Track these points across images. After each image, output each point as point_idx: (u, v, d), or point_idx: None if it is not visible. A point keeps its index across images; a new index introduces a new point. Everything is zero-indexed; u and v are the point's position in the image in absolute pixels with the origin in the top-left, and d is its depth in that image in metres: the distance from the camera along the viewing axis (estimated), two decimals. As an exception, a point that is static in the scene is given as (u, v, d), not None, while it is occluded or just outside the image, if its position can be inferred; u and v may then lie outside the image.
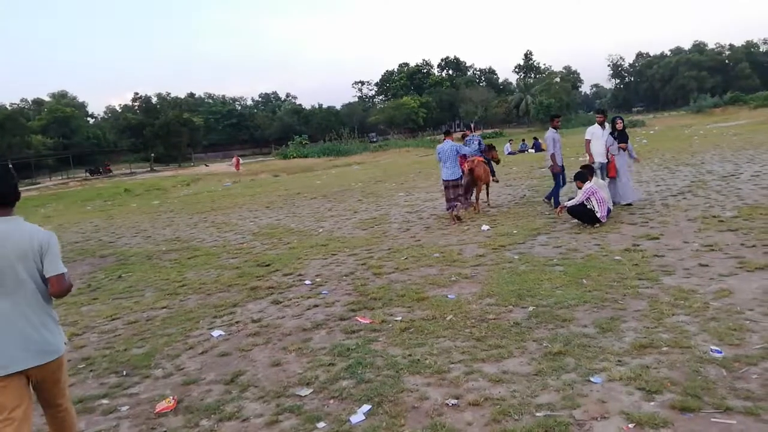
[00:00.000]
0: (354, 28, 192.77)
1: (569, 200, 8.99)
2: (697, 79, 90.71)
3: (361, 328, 5.11)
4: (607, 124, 10.24)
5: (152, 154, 58.68)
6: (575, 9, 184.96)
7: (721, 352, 3.76)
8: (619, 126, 10.19)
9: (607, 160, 9.95)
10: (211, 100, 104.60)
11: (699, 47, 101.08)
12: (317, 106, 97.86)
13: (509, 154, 29.49)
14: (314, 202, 16.31)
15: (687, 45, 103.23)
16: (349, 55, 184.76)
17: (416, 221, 10.93)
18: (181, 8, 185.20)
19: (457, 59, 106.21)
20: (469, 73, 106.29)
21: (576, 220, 8.76)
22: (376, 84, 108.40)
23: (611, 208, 8.99)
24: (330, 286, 6.81)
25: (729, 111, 54.54)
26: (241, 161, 41.96)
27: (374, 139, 76.95)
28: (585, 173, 9.04)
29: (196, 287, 7.49)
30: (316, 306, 6.02)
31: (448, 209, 10.55)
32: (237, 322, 5.75)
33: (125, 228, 14.90)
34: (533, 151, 29.50)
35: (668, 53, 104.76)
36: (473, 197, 11.33)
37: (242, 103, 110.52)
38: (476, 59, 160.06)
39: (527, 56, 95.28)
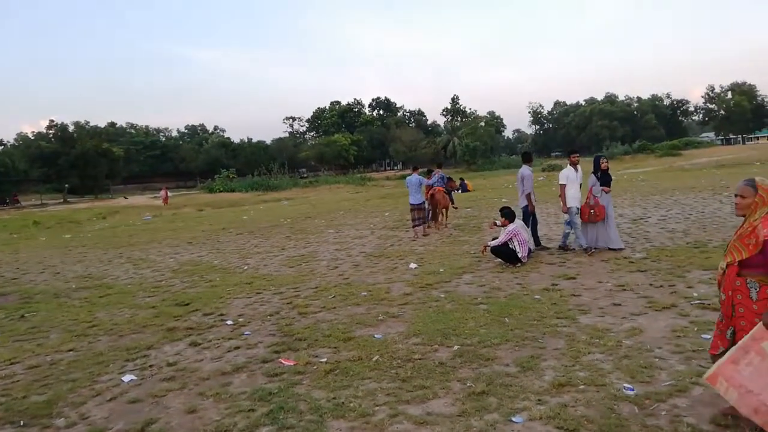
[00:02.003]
0: (287, 64, 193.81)
1: (492, 240, 9.26)
2: (609, 128, 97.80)
3: (285, 370, 4.94)
4: (578, 167, 9.54)
5: (66, 185, 55.38)
6: (499, 59, 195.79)
7: (633, 390, 3.93)
8: (604, 166, 9.49)
9: (591, 203, 9.29)
10: (133, 130, 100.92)
11: (610, 98, 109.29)
12: (246, 140, 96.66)
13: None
14: (240, 238, 15.89)
15: (600, 96, 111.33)
16: (281, 90, 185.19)
17: (345, 259, 10.86)
18: (105, 35, 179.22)
19: (387, 100, 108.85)
20: (399, 114, 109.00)
21: (499, 260, 9.02)
22: (308, 120, 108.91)
23: (532, 249, 9.35)
24: (253, 326, 6.58)
25: (638, 158, 58.87)
26: (169, 194, 40.52)
27: (305, 175, 76.77)
28: (513, 212, 9.40)
29: (107, 328, 7.01)
30: (237, 348, 5.77)
31: (413, 227, 13.28)
32: (151, 366, 5.40)
33: (32, 263, 13.83)
34: (460, 191, 30.35)
35: (583, 103, 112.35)
36: (439, 217, 14.41)
37: (167, 134, 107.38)
38: (406, 101, 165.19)
39: (454, 100, 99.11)
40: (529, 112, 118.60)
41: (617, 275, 7.57)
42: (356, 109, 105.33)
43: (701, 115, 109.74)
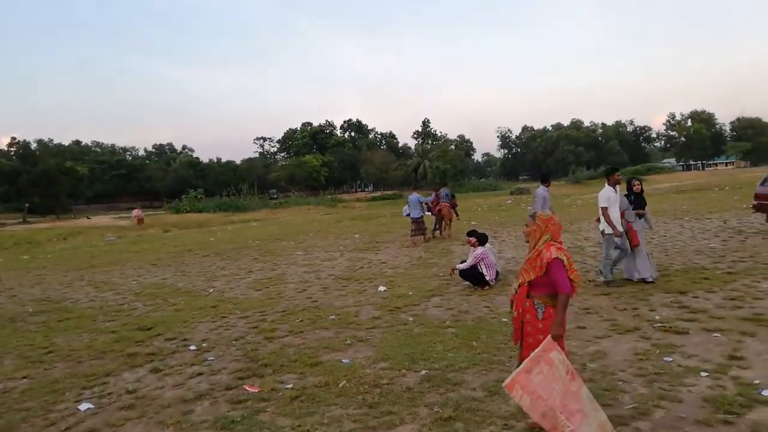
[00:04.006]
0: (259, 84, 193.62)
1: (460, 263, 9.32)
2: (574, 153, 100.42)
3: (249, 397, 4.82)
4: (618, 187, 8.52)
5: (26, 204, 53.67)
6: (469, 83, 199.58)
7: (597, 413, 3.95)
8: (636, 188, 8.77)
9: (624, 228, 8.40)
10: (98, 149, 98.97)
11: (576, 124, 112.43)
12: (215, 160, 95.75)
13: (407, 215, 30.28)
14: (206, 260, 15.61)
15: (566, 121, 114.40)
16: (253, 110, 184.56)
17: (314, 281, 10.76)
18: (70, 51, 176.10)
19: (359, 122, 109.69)
20: (370, 136, 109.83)
21: (467, 283, 9.06)
22: (279, 141, 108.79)
23: (499, 271, 9.43)
24: (217, 351, 6.42)
25: (603, 183, 60.24)
26: (143, 214, 39.63)
27: (274, 196, 76.20)
28: (486, 235, 9.48)
29: (64, 354, 6.75)
30: (200, 374, 5.62)
31: (411, 236, 15.68)
32: (109, 394, 5.21)
33: (-15, 286, 13.27)
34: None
35: (550, 128, 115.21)
36: (443, 229, 16.84)
37: (133, 153, 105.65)
38: (378, 123, 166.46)
39: (425, 124, 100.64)
40: (498, 137, 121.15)
41: (582, 298, 7.68)
42: (328, 131, 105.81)
43: (663, 142, 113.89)
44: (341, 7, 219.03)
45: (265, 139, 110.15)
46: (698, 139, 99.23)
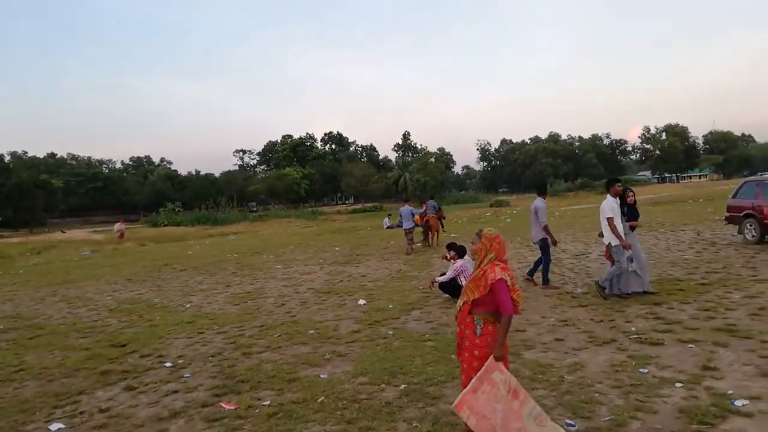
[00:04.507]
0: (239, 97, 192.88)
1: (440, 275, 9.33)
2: (552, 165, 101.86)
3: (225, 414, 4.74)
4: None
5: (-1, 218, 52.50)
6: (449, 96, 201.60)
7: (574, 426, 3.97)
8: (630, 199, 8.59)
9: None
10: (74, 162, 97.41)
11: (554, 138, 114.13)
12: (194, 173, 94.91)
13: (387, 228, 30.32)
14: (183, 275, 15.39)
15: (544, 135, 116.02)
16: (233, 122, 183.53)
17: (293, 296, 10.67)
18: (45, 62, 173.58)
19: (340, 135, 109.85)
20: (351, 149, 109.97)
21: (447, 295, 9.07)
22: (259, 153, 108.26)
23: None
24: (193, 368, 6.32)
25: (580, 195, 61.31)
26: (124, 228, 38.93)
27: (254, 209, 75.68)
28: (463, 247, 9.50)
29: (35, 372, 6.58)
30: (175, 391, 5.52)
31: (408, 244, 16.84)
32: (81, 413, 5.08)
33: (-47, 302, 12.89)
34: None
35: (528, 141, 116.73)
36: (431, 239, 18.04)
37: (110, 166, 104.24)
38: (358, 136, 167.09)
39: (405, 136, 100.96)
40: (478, 149, 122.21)
41: (560, 310, 7.74)
42: (308, 143, 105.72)
43: (638, 155, 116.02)
44: (322, 21, 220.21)
45: (245, 152, 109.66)
46: (672, 152, 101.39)
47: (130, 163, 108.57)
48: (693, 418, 3.95)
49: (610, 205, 8.16)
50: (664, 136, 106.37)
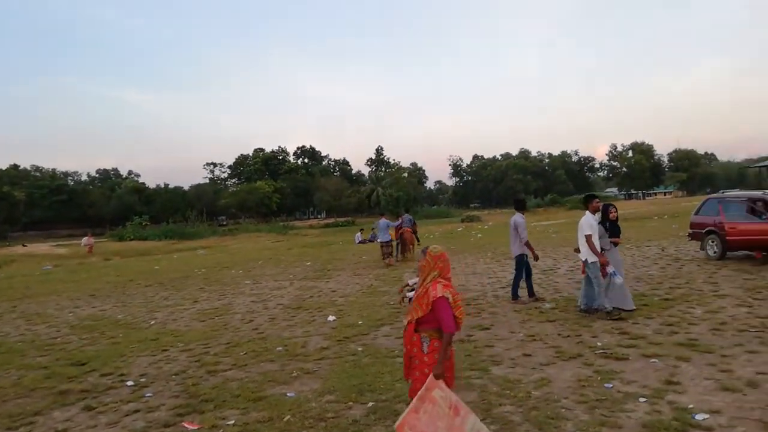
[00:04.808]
0: (210, 109, 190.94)
1: (410, 291, 9.30)
2: (523, 181, 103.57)
3: (187, 435, 4.60)
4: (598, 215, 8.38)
5: (-44, 231, 50.58)
6: (422, 112, 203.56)
7: (540, 442, 3.98)
8: (613, 216, 8.53)
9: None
10: (38, 173, 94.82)
11: (524, 154, 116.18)
12: (163, 186, 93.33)
13: (360, 243, 30.27)
14: (149, 290, 15.03)
15: (515, 151, 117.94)
16: (204, 135, 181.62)
17: (261, 312, 10.50)
18: (7, 70, 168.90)
19: (312, 149, 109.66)
20: (324, 163, 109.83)
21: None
22: (230, 167, 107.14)
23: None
24: (156, 387, 6.14)
25: (550, 211, 62.36)
26: (93, 242, 37.96)
27: (224, 223, 74.71)
28: None
29: (-13, 393, 6.29)
30: (136, 411, 5.35)
31: (384, 258, 17.13)
32: (34, 436, 4.87)
33: None
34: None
35: (499, 157, 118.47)
36: (407, 252, 18.28)
37: (75, 178, 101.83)
38: (331, 150, 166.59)
39: (378, 151, 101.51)
40: (450, 165, 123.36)
41: (528, 325, 7.80)
42: (281, 157, 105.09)
43: (606, 172, 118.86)
44: (296, 35, 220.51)
45: (215, 165, 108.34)
46: (638, 170, 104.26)
47: (97, 175, 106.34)
48: (656, 433, 3.99)
49: (589, 222, 8.07)
50: (630, 154, 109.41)
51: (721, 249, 12.68)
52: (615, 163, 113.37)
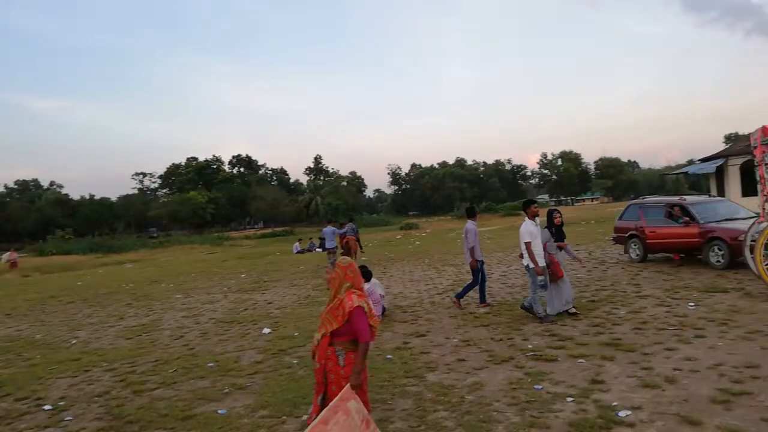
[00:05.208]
0: (140, 117, 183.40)
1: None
2: (459, 189, 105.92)
3: (108, 461, 4.34)
4: (538, 219, 8.49)
5: None
6: (360, 121, 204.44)
7: (473, 447, 4.02)
8: (558, 220, 8.73)
9: (546, 261, 8.25)
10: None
11: (460, 163, 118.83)
12: (88, 197, 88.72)
13: (297, 252, 29.89)
14: (71, 307, 14.18)
15: (451, 160, 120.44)
16: (132, 144, 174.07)
17: (192, 327, 10.12)
18: None
19: (249, 157, 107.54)
20: (261, 172, 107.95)
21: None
22: (161, 176, 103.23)
23: (386, 307, 9.50)
24: (76, 410, 5.77)
25: (484, 217, 63.88)
26: (17, 257, 35.40)
27: (154, 235, 71.90)
28: (369, 271, 9.49)
29: None
30: (53, 438, 5.00)
31: (330, 264, 16.54)
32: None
33: None
34: (320, 250, 30.32)
35: (437, 166, 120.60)
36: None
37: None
38: (268, 159, 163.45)
39: (317, 160, 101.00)
40: (389, 173, 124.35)
41: (463, 330, 7.92)
42: (215, 166, 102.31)
43: (537, 179, 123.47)
44: (229, 43, 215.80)
45: (145, 175, 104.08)
46: (567, 177, 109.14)
47: (15, 186, 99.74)
48: (581, 431, 4.13)
49: (528, 229, 8.10)
50: (559, 162, 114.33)
51: (642, 252, 13.40)
52: (546, 171, 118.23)
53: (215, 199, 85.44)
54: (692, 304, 8.22)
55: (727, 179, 26.59)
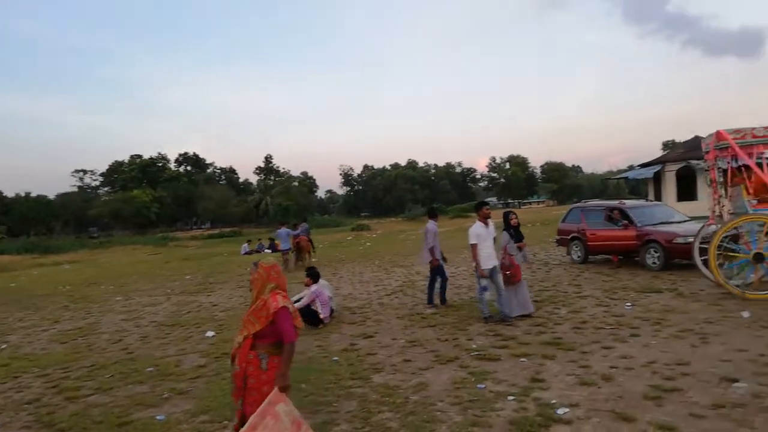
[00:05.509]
0: (80, 112, 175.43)
1: (296, 302, 9.15)
2: (411, 191, 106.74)
3: (34, 473, 4.12)
4: (490, 221, 8.46)
5: None
6: (313, 121, 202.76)
7: (416, 447, 4.04)
8: (514, 222, 8.88)
9: (506, 263, 8.38)
10: None
11: (412, 165, 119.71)
12: (23, 195, 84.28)
13: (246, 254, 29.32)
14: (1, 310, 13.42)
15: (403, 161, 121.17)
16: (72, 140, 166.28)
17: (132, 330, 9.75)
18: None
19: (196, 156, 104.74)
20: (209, 171, 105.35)
21: (301, 322, 8.89)
22: (103, 174, 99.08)
23: (334, 308, 9.45)
24: (3, 418, 5.49)
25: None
26: None
27: (95, 235, 69.08)
28: (318, 272, 9.42)
29: None
30: (-26, 450, 4.70)
31: (286, 265, 17.58)
32: None
33: None
34: (270, 251, 29.83)
35: (389, 167, 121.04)
36: (304, 260, 18.71)
37: None
38: (217, 158, 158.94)
39: (268, 160, 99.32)
40: (341, 174, 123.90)
41: (410, 331, 7.97)
42: (160, 164, 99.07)
43: (486, 182, 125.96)
44: (177, 38, 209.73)
45: (85, 172, 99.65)
46: (515, 180, 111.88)
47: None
48: (522, 429, 4.22)
49: (476, 231, 8.13)
50: (507, 166, 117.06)
51: (583, 254, 13.88)
52: (494, 174, 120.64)
53: (160, 198, 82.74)
54: (629, 304, 8.57)
55: (664, 184, 27.97)
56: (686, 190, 26.84)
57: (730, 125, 8.86)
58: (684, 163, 26.83)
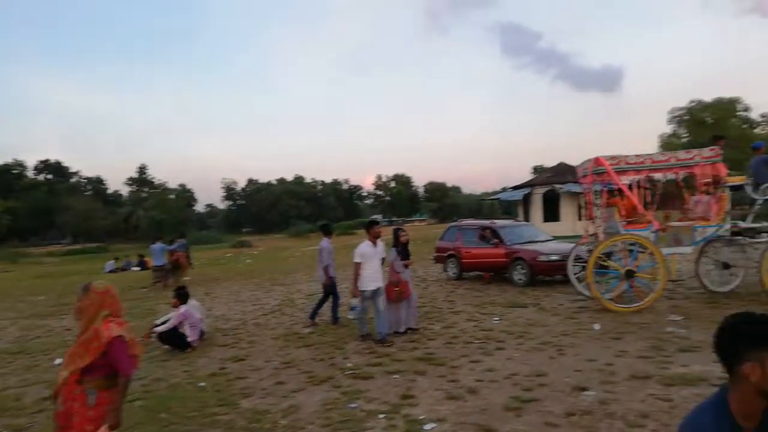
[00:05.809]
0: None
1: (161, 324, 8.53)
2: (296, 207, 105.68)
3: None
4: (379, 241, 8.29)
5: None
6: (193, 132, 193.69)
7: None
8: (404, 239, 8.84)
9: (394, 280, 8.35)
10: None
11: (298, 180, 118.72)
12: None
13: (110, 272, 27.11)
14: None
15: (289, 177, 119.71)
16: None
17: (-37, 359, 8.51)
18: None
19: (59, 163, 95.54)
20: (73, 180, 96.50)
21: (167, 346, 8.31)
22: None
23: (204, 330, 8.95)
24: None
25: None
26: None
27: (-72, 250, 59.99)
28: (187, 293, 8.87)
29: None
30: None
31: (154, 284, 17.42)
32: None
33: None
34: (139, 269, 27.81)
35: (275, 182, 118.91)
36: (180, 276, 17.47)
37: None
38: (83, 166, 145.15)
39: (141, 170, 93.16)
40: (223, 188, 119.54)
41: (285, 352, 7.74)
42: (16, 171, 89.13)
43: (372, 200, 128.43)
44: (40, 32, 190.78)
45: None
46: (399, 199, 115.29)
47: None
48: (390, 448, 4.22)
49: (361, 251, 8.03)
50: (393, 184, 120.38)
51: (458, 270, 14.49)
52: (380, 192, 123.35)
53: (13, 209, 74.13)
54: (497, 318, 9.03)
55: (532, 206, 30.22)
56: (551, 212, 29.23)
57: (592, 154, 9.64)
58: (549, 187, 29.22)
